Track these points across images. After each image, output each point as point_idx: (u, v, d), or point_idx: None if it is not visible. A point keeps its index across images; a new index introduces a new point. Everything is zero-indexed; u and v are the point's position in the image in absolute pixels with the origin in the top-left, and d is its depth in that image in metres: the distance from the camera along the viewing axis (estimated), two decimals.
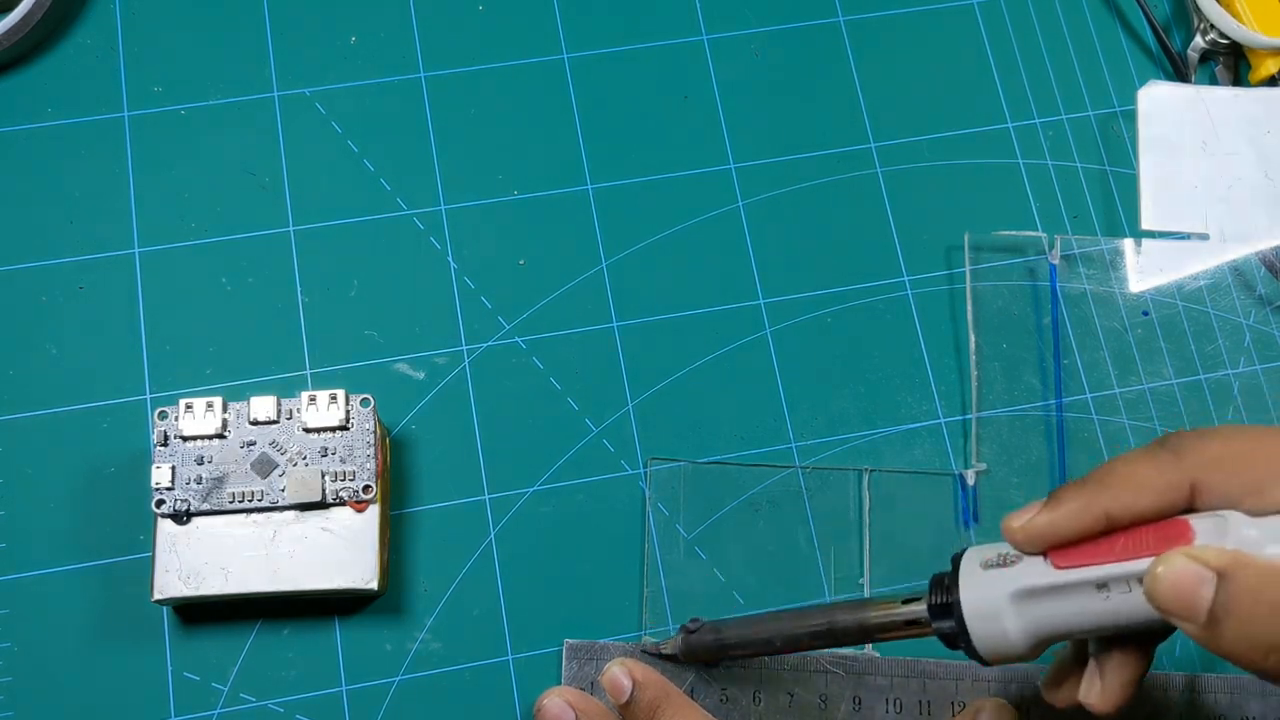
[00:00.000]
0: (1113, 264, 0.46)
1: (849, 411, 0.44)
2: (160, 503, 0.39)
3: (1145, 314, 0.45)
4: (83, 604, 0.41)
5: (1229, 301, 0.46)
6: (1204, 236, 0.46)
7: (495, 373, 0.44)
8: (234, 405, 0.40)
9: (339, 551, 0.39)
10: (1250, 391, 0.45)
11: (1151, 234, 0.46)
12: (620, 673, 0.38)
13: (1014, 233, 0.46)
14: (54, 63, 0.46)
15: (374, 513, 0.40)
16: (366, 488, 0.39)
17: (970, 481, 0.43)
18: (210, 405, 0.40)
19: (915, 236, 0.46)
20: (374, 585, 0.39)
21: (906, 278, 0.46)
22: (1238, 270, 0.46)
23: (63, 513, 0.41)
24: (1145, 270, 0.46)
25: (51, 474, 0.42)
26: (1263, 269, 0.46)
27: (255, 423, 0.40)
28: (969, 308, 0.44)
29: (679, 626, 0.39)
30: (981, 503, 0.43)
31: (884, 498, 0.43)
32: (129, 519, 0.41)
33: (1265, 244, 0.46)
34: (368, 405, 0.40)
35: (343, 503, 0.40)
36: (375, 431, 0.40)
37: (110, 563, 0.41)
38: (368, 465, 0.40)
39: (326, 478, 0.39)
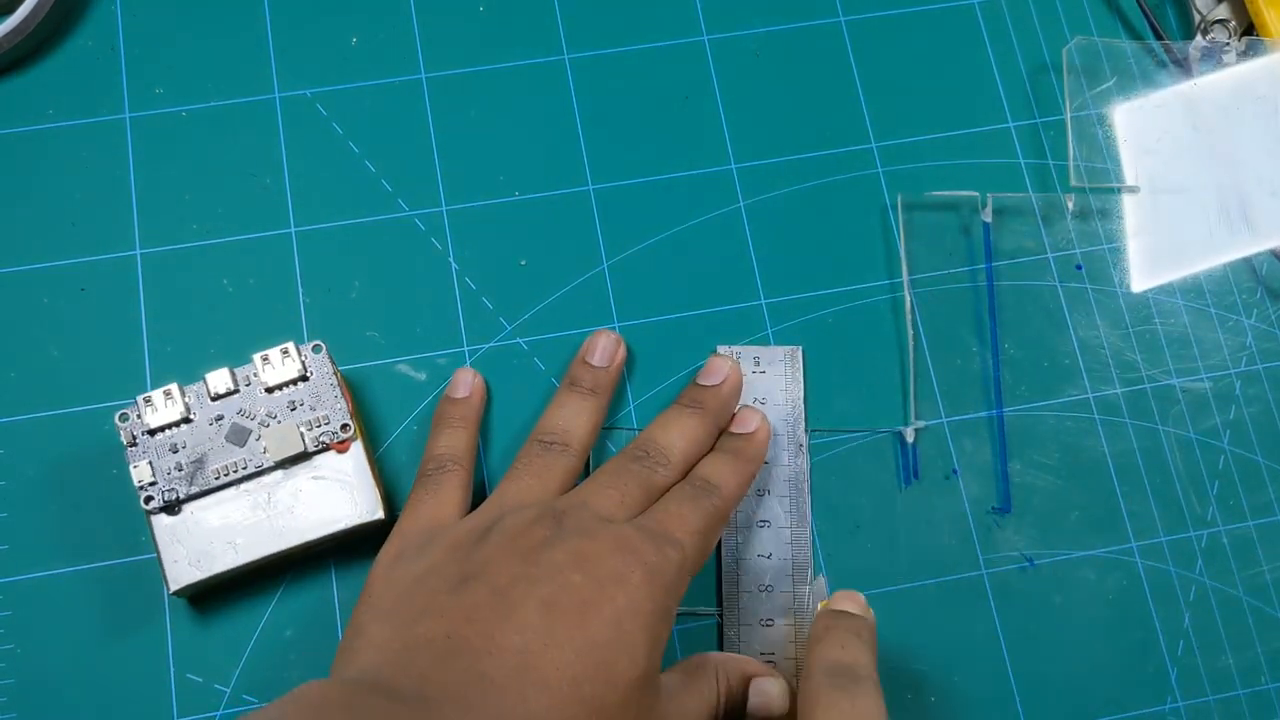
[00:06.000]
0: (1045, 219, 0.46)
1: (850, 411, 0.44)
2: (149, 499, 0.39)
3: (1079, 267, 0.46)
4: (85, 606, 0.41)
5: (1230, 299, 0.46)
6: (1134, 189, 0.47)
7: (497, 374, 0.44)
8: (190, 388, 0.40)
9: (336, 493, 0.40)
10: (1252, 394, 0.45)
11: (1082, 190, 0.47)
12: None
13: (948, 193, 0.46)
14: (55, 65, 0.46)
15: (358, 449, 0.40)
16: (344, 426, 0.40)
17: (910, 439, 0.43)
18: (168, 394, 0.40)
19: (915, 236, 0.46)
20: (379, 515, 0.39)
21: (908, 278, 0.46)
22: (1237, 266, 0.46)
23: (65, 515, 0.41)
24: (1145, 268, 0.46)
25: (53, 476, 0.42)
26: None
27: (216, 397, 0.40)
28: (904, 269, 0.45)
29: None
30: (922, 459, 0.44)
31: (823, 463, 0.44)
32: (131, 520, 0.41)
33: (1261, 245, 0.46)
34: (320, 351, 0.40)
35: (325, 448, 0.40)
36: (335, 374, 0.40)
37: (112, 564, 0.41)
38: (338, 406, 0.40)
39: (302, 428, 0.40)
